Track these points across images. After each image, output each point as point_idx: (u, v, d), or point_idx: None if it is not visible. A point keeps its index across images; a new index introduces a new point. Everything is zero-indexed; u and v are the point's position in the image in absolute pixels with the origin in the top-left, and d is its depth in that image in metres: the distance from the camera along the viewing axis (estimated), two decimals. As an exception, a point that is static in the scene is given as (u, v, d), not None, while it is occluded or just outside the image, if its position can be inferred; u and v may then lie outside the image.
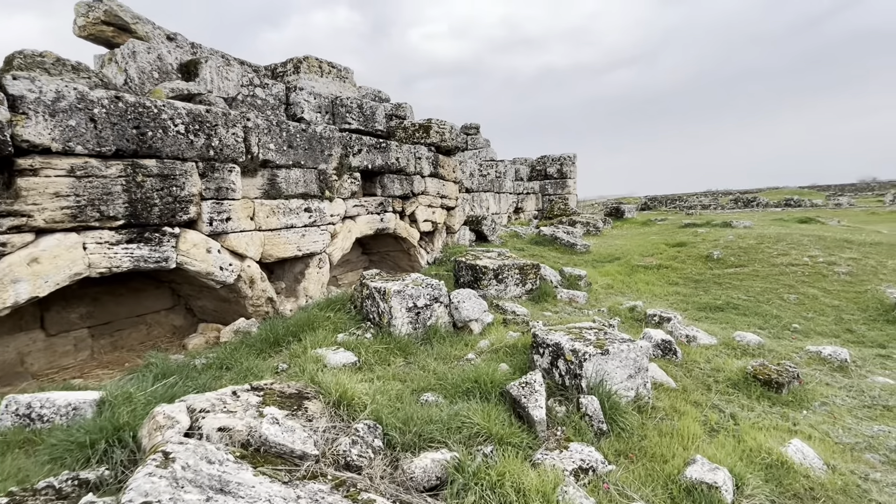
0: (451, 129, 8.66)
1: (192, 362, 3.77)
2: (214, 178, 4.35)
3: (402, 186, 7.45)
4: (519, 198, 17.30)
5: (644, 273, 7.52)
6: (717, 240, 8.85)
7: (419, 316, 4.34)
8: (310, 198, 5.55)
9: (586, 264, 8.70)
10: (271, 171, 5.06)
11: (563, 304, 5.94)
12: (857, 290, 6.16)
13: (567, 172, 19.18)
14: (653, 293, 6.59)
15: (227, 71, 5.88)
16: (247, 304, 4.84)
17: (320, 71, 7.74)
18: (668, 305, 6.03)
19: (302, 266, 5.67)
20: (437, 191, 8.52)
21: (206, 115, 4.28)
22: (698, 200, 30.32)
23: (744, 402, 3.56)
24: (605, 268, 8.07)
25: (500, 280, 5.85)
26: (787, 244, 8.10)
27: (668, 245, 9.09)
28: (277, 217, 5.07)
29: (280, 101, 7.10)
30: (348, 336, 4.16)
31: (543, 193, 19.50)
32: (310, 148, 5.53)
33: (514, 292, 5.97)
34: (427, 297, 4.39)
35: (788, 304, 5.95)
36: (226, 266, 4.48)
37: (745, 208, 24.43)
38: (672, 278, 7.23)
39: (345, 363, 3.66)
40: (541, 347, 3.61)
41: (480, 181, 14.05)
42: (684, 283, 6.99)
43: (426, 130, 8.39)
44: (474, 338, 4.45)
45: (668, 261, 8.00)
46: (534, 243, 10.35)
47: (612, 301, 6.00)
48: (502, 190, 15.46)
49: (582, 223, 13.76)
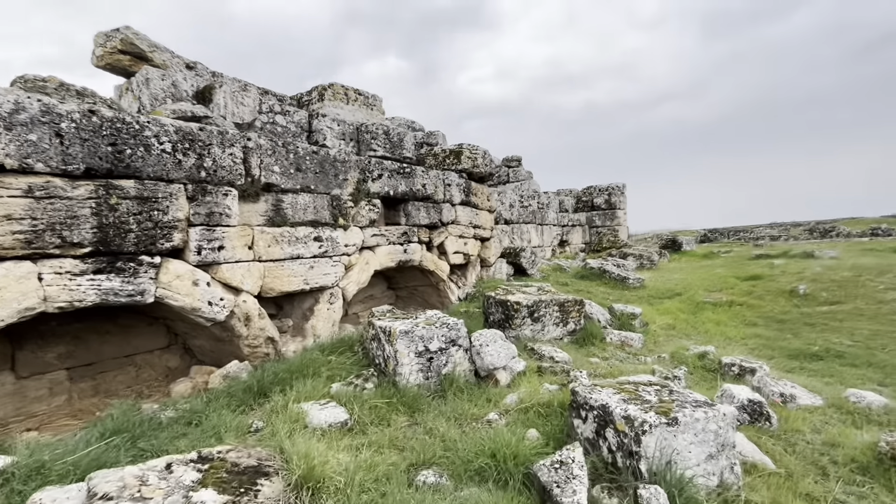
0: (483, 155, 8.06)
1: (159, 415, 3.18)
2: (206, 203, 3.90)
3: (430, 215, 6.84)
4: (564, 230, 16.31)
5: (713, 311, 6.35)
6: (800, 272, 7.49)
7: (432, 363, 3.57)
8: (321, 226, 5.02)
9: (641, 301, 7.59)
10: (276, 195, 4.59)
11: (614, 348, 4.96)
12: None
13: (616, 203, 18.02)
14: (726, 336, 5.44)
15: (243, 96, 5.63)
16: (241, 345, 4.26)
17: (346, 98, 7.46)
18: (748, 352, 4.89)
19: (311, 301, 5.09)
20: (470, 220, 7.85)
21: (199, 133, 3.88)
22: (765, 232, 27.79)
23: (885, 499, 2.47)
24: (663, 305, 6.96)
25: (535, 319, 4.98)
26: (895, 276, 6.67)
27: (739, 279, 7.82)
28: (281, 246, 4.55)
29: (302, 129, 6.81)
30: (345, 386, 3.44)
31: (591, 225, 18.37)
32: (321, 171, 5.06)
33: (553, 333, 5.07)
34: (442, 340, 3.62)
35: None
36: (216, 301, 3.95)
37: (822, 239, 21.92)
38: (748, 317, 6.03)
39: (332, 423, 2.93)
40: (582, 409, 2.74)
41: (521, 212, 13.29)
42: (765, 324, 5.78)
43: (457, 156, 7.83)
44: (500, 391, 3.60)
45: (741, 297, 6.78)
46: (579, 277, 9.34)
47: (675, 345, 4.95)
48: (545, 222, 14.59)
49: (634, 256, 12.55)
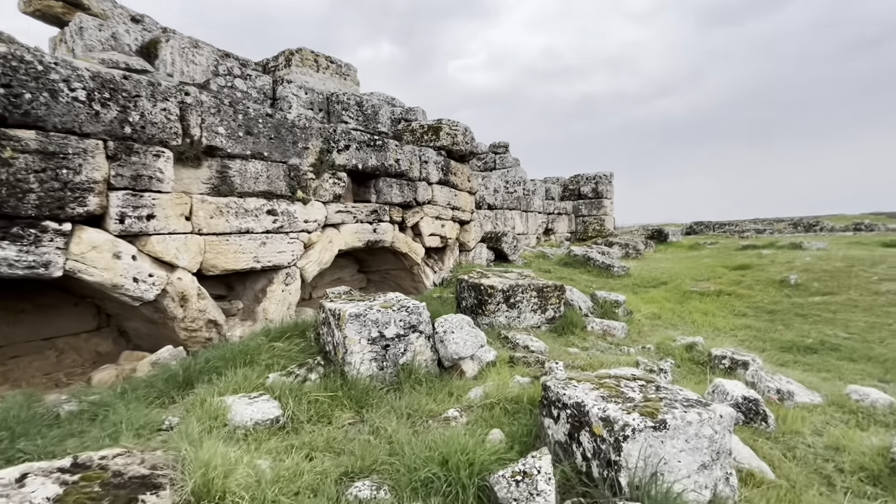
0: (464, 132, 7.57)
1: (58, 408, 2.69)
2: (131, 163, 3.36)
3: (403, 193, 6.35)
4: (549, 218, 15.93)
5: (700, 300, 6.02)
6: (790, 262, 7.21)
7: (388, 351, 3.12)
8: (275, 198, 4.51)
9: (626, 289, 7.24)
10: (221, 161, 4.07)
11: (596, 337, 4.57)
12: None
13: (603, 192, 17.69)
14: (714, 326, 5.10)
15: (195, 54, 5.05)
16: (177, 328, 3.76)
17: (316, 66, 6.89)
18: (738, 343, 4.55)
19: (265, 282, 4.59)
20: (448, 201, 7.39)
21: (123, 82, 3.33)
22: (750, 226, 27.84)
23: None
24: (649, 294, 6.61)
25: (511, 305, 4.56)
26: (888, 267, 6.39)
27: (727, 268, 7.51)
28: (227, 218, 4.04)
29: (265, 96, 6.24)
30: (284, 376, 2.98)
31: (577, 214, 18.04)
32: (277, 137, 4.54)
33: (530, 321, 4.66)
34: (400, 325, 3.17)
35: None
36: (142, 277, 3.44)
37: (807, 232, 21.94)
38: (738, 308, 5.70)
39: (259, 420, 2.47)
40: (554, 407, 2.32)
41: (506, 198, 12.85)
42: (755, 315, 5.45)
43: (435, 132, 7.33)
44: (465, 383, 3.17)
45: (729, 286, 6.46)
46: (563, 265, 8.97)
47: (661, 335, 4.58)
48: (530, 209, 14.18)
49: (620, 245, 12.24)
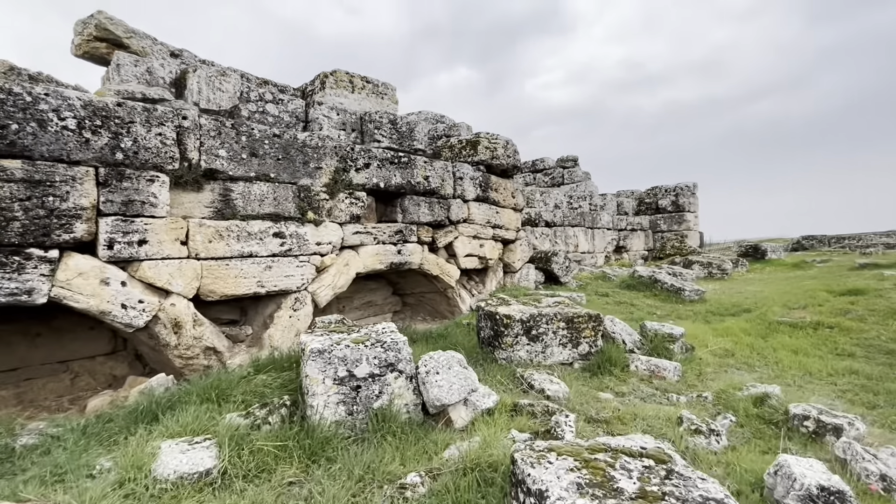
0: (505, 145, 7.05)
1: (14, 442, 2.62)
2: (122, 189, 3.35)
3: (433, 211, 5.97)
4: (621, 235, 14.63)
5: (790, 335, 4.85)
6: (923, 286, 5.67)
7: (359, 393, 2.70)
8: (283, 220, 4.36)
9: (696, 317, 6.15)
10: (223, 184, 3.99)
11: (638, 380, 3.76)
12: None
13: (684, 205, 15.95)
14: (805, 370, 4.01)
15: (221, 82, 5.17)
16: (171, 355, 3.67)
17: (351, 86, 6.85)
18: (837, 395, 3.48)
19: (273, 307, 4.43)
20: (488, 219, 6.87)
21: (115, 109, 3.35)
22: (879, 240, 23.54)
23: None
24: (724, 324, 5.51)
25: (533, 338, 3.92)
26: None
27: (832, 293, 6.09)
28: (227, 242, 3.93)
29: (298, 119, 6.27)
30: (241, 417, 2.67)
31: (655, 230, 16.42)
32: (286, 158, 4.41)
33: (558, 357, 3.97)
34: (374, 363, 2.74)
35: None
36: (132, 304, 3.38)
37: (956, 248, 17.95)
38: (842, 345, 4.48)
39: (186, 472, 2.16)
40: (521, 489, 1.78)
41: (568, 214, 11.98)
42: (866, 355, 4.23)
43: (473, 146, 6.90)
44: (448, 436, 2.64)
45: (832, 316, 5.16)
46: (625, 287, 7.96)
47: (727, 380, 3.66)
48: (596, 225, 13.09)
49: (701, 264, 10.76)
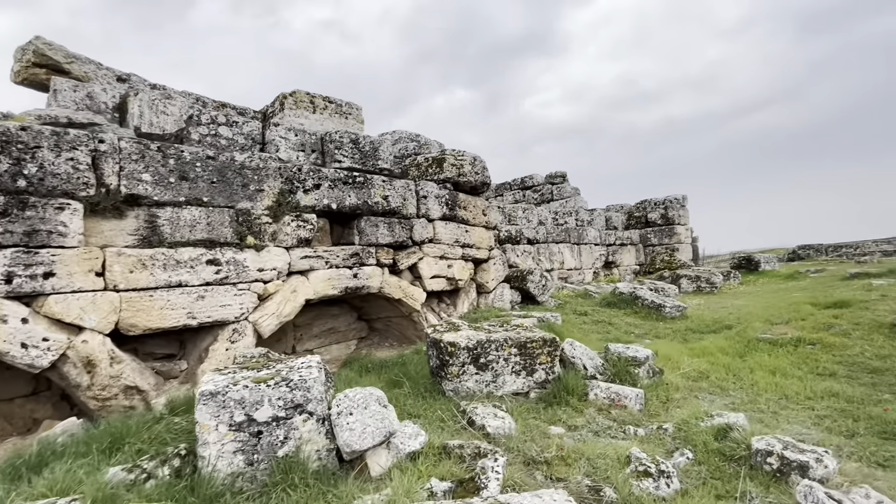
0: (472, 162, 6.85)
1: None
2: (24, 219, 3.11)
3: (394, 232, 5.72)
4: (609, 250, 14.35)
5: (769, 353, 4.52)
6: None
7: (260, 439, 2.39)
8: (219, 246, 4.10)
9: (674, 336, 5.83)
10: (148, 210, 3.75)
11: (596, 410, 3.43)
12: None
13: (674, 217, 15.71)
14: (782, 392, 3.68)
15: (166, 105, 4.99)
16: (84, 397, 3.37)
17: (312, 107, 6.69)
18: (812, 422, 3.15)
19: (210, 340, 4.14)
20: (456, 238, 6.62)
21: (19, 133, 3.14)
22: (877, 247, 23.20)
23: None
24: (702, 342, 5.19)
25: (482, 366, 3.61)
26: None
27: (817, 306, 5.77)
28: (151, 272, 3.66)
29: (254, 141, 6.08)
30: (125, 472, 2.36)
31: (646, 244, 16.15)
32: (221, 181, 4.18)
33: (511, 386, 3.65)
34: (278, 405, 2.44)
35: None
36: (34, 342, 3.10)
37: (955, 253, 17.60)
38: (823, 364, 4.15)
39: (29, 547, 1.86)
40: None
41: (552, 230, 11.73)
42: (848, 375, 3.89)
43: (439, 164, 6.70)
44: (357, 489, 2.33)
45: (815, 332, 4.83)
46: (605, 305, 7.65)
47: (694, 408, 3.33)
48: (583, 241, 12.82)
49: (689, 278, 10.45)
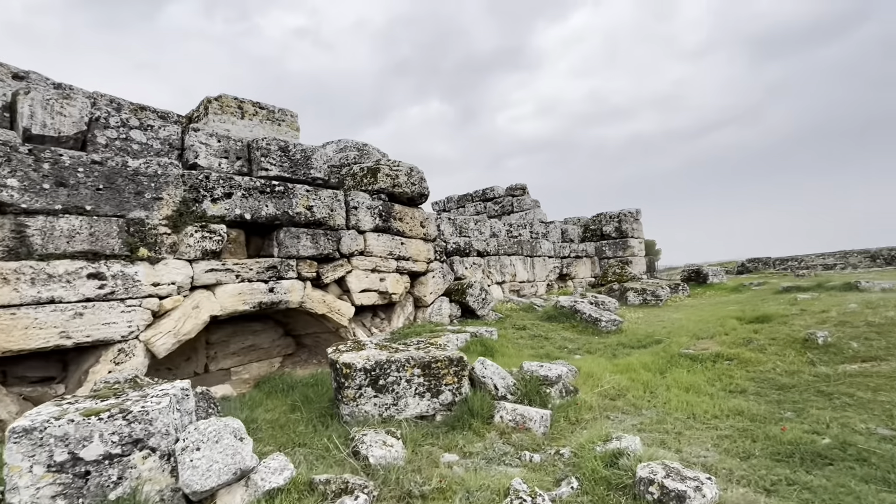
0: (409, 172, 6.70)
1: None
2: None
3: (318, 244, 5.48)
4: (564, 262, 14.44)
5: (688, 369, 4.49)
6: (826, 311, 5.45)
7: (88, 482, 2.10)
8: (104, 258, 3.77)
9: (605, 351, 5.78)
10: (14, 219, 3.40)
11: (499, 433, 3.27)
12: None
13: (627, 230, 16.02)
14: (691, 411, 3.61)
15: (63, 105, 4.62)
16: (-80, 431, 2.97)
17: (240, 112, 6.41)
18: (712, 443, 3.07)
19: (92, 361, 3.78)
20: (390, 251, 6.42)
21: None
22: (820, 260, 24.36)
23: None
24: (629, 358, 5.14)
25: (382, 388, 3.40)
26: (969, 317, 4.57)
27: (742, 320, 5.84)
28: (15, 287, 3.30)
29: (172, 146, 5.74)
30: (-84, 526, 2.03)
31: (601, 256, 16.38)
32: (110, 188, 3.86)
33: (414, 409, 3.45)
34: (110, 441, 2.16)
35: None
36: None
37: (887, 266, 18.64)
38: (736, 380, 4.13)
39: None
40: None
41: (505, 243, 11.68)
42: (758, 392, 3.88)
43: (373, 174, 6.51)
44: (196, 536, 2.07)
45: (734, 347, 4.85)
46: (546, 319, 7.58)
47: (596, 431, 3.20)
48: (536, 253, 12.84)
49: (636, 291, 10.57)
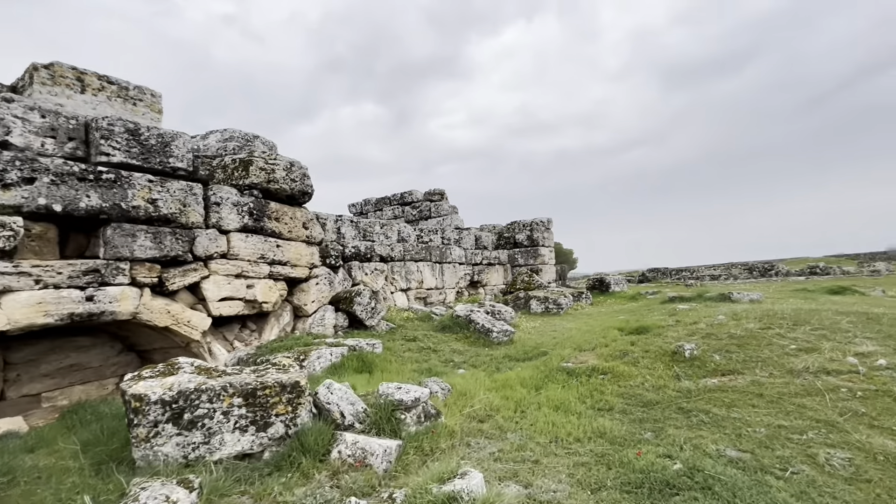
0: (288, 167, 6.04)
1: None
2: None
3: (162, 244, 4.66)
4: (475, 269, 14.37)
5: (563, 385, 4.31)
6: (696, 322, 5.62)
7: None
8: None
9: (489, 364, 5.52)
10: None
11: (332, 474, 2.77)
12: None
13: (538, 239, 16.36)
14: (555, 434, 3.37)
15: None
16: None
17: (80, 85, 5.37)
18: (568, 472, 2.81)
19: None
20: (262, 254, 5.71)
21: None
22: (709, 272, 26.89)
23: None
24: (509, 373, 4.89)
25: (188, 424, 2.76)
26: (813, 329, 4.85)
27: (623, 331, 5.88)
28: None
29: (-28, 119, 4.63)
30: None
31: (514, 264, 16.58)
32: None
33: (233, 447, 2.85)
34: None
35: (833, 475, 2.66)
36: None
37: (760, 278, 20.90)
38: (606, 396, 3.99)
39: None
40: None
41: (413, 248, 11.28)
42: (624, 409, 3.74)
43: (245, 167, 5.77)
44: None
45: (611, 360, 4.78)
46: (440, 329, 7.25)
47: (443, 465, 2.81)
48: (446, 259, 12.60)
49: (539, 299, 10.64)
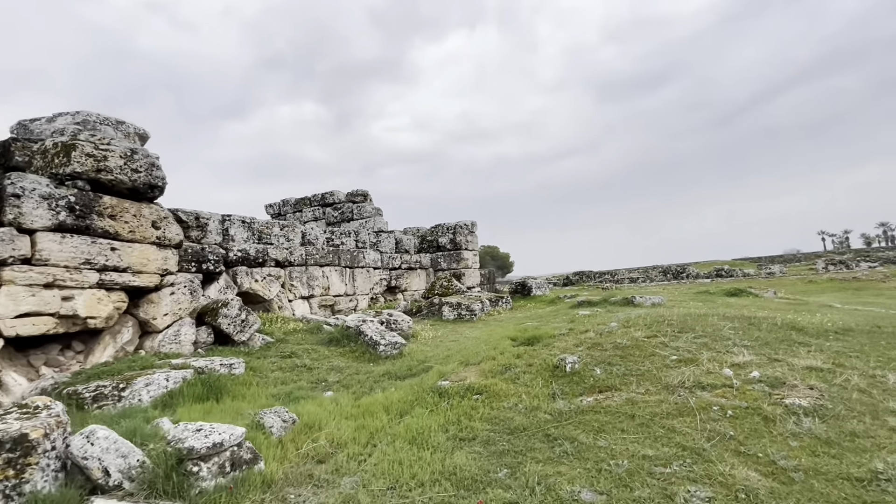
0: (128, 154, 5.07)
1: None
2: None
3: (-82, 247, 3.58)
4: (393, 274, 13.72)
5: (432, 409, 3.75)
6: (587, 331, 5.33)
7: None
8: None
9: (363, 384, 4.87)
10: None
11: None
12: (847, 467, 2.64)
13: (462, 243, 16.01)
14: (396, 479, 2.78)
15: None
16: None
17: None
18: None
19: None
20: (88, 258, 4.70)
21: None
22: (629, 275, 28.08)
23: None
24: (377, 395, 4.27)
25: None
26: (696, 336, 4.68)
27: (515, 341, 5.47)
28: None
29: None
30: None
31: (436, 268, 16.10)
32: None
33: None
34: None
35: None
36: None
37: (673, 280, 22.05)
38: (472, 423, 3.47)
39: None
40: None
41: (319, 251, 10.41)
42: (486, 440, 3.23)
43: (67, 152, 4.74)
44: None
45: (492, 376, 4.31)
46: (328, 342, 6.51)
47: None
48: (359, 264, 11.83)
49: (452, 306, 10.18)
